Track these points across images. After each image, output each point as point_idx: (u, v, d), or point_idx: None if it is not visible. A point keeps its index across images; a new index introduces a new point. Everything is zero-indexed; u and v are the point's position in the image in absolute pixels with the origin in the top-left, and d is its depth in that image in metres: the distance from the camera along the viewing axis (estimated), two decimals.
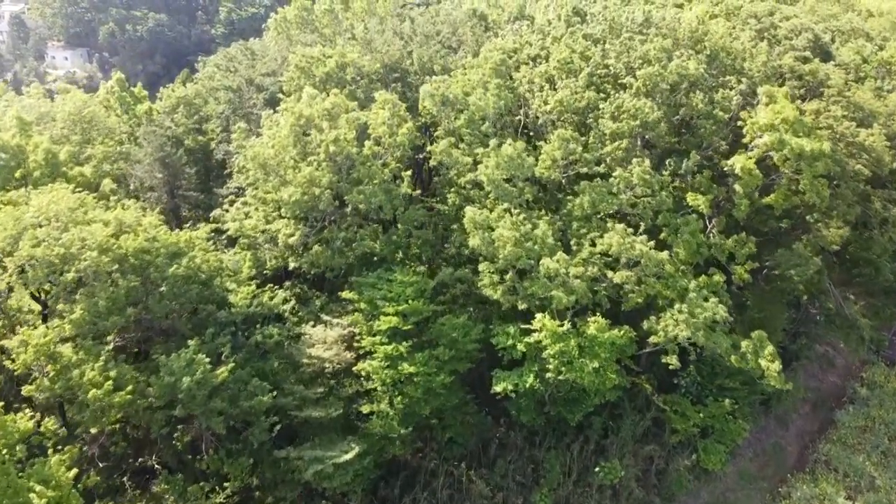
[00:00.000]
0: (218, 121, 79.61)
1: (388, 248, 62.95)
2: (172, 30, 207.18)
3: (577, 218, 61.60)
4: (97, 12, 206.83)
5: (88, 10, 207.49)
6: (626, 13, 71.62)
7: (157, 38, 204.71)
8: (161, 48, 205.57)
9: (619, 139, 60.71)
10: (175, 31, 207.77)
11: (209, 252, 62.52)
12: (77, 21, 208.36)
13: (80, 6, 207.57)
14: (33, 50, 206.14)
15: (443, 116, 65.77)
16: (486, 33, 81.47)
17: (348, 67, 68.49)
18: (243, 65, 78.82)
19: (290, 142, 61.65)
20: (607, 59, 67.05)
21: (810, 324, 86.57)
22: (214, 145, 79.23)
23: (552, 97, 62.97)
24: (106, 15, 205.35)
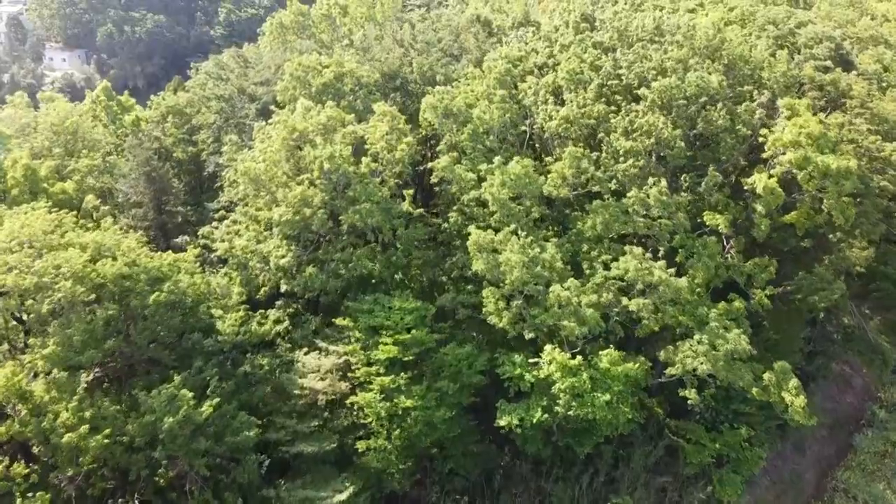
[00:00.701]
0: (209, 131, 74.88)
1: (386, 271, 58.29)
2: (171, 31, 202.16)
3: (588, 239, 56.94)
4: (95, 13, 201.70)
5: (86, 11, 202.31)
6: (637, 20, 66.76)
7: (155, 39, 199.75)
8: (160, 50, 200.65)
9: (632, 157, 55.93)
10: (174, 33, 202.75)
11: (196, 274, 57.84)
12: (75, 22, 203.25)
13: (79, 7, 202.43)
14: (31, 52, 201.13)
15: (445, 129, 61.01)
16: (489, 39, 76.69)
17: (346, 78, 63.69)
18: (235, 73, 74.02)
19: (283, 157, 56.96)
20: (619, 70, 62.23)
21: (826, 342, 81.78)
22: (205, 157, 74.55)
23: (557, 114, 58.19)
24: (104, 16, 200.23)
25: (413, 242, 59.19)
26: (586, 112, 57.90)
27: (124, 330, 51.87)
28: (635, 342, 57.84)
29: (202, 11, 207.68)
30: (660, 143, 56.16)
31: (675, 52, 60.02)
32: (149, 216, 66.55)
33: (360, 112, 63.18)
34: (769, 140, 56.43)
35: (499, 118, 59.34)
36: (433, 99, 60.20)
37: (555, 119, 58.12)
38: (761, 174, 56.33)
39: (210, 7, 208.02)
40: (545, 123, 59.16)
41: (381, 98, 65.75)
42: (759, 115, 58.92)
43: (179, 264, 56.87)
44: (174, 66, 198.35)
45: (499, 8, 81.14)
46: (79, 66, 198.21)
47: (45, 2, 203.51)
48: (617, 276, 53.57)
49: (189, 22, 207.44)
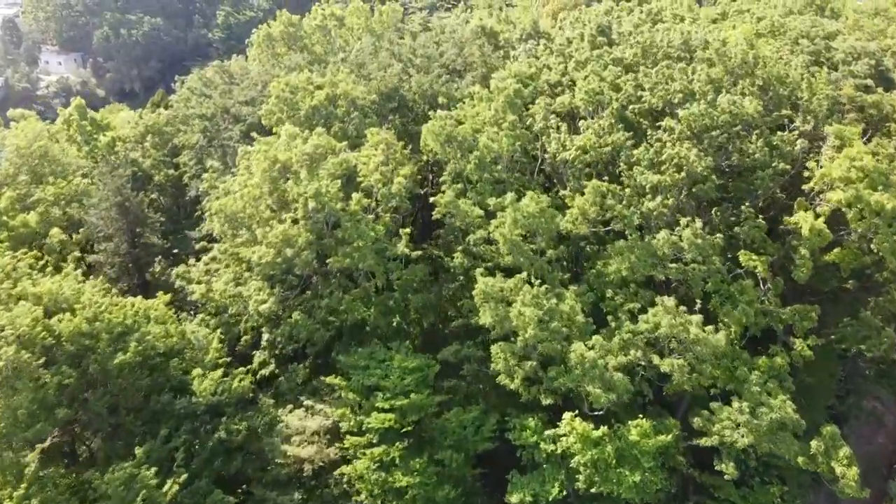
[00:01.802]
0: (192, 152, 66.89)
1: (382, 319, 50.37)
2: (168, 34, 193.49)
3: (611, 283, 48.98)
4: (91, 16, 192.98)
5: (82, 13, 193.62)
6: (661, 34, 58.61)
7: (152, 42, 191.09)
8: (157, 53, 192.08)
9: (661, 193, 47.89)
10: (171, 36, 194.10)
11: (170, 322, 49.98)
12: (71, 25, 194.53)
13: (74, 10, 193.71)
14: (26, 55, 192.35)
15: (449, 157, 52.98)
16: (495, 52, 68.50)
17: (339, 100, 55.61)
18: (219, 90, 65.87)
19: (265, 191, 48.96)
20: (641, 91, 54.11)
21: (857, 377, 73.86)
22: (187, 180, 66.59)
23: (572, 143, 50.14)
24: (100, 19, 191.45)
25: (412, 284, 51.26)
26: (604, 141, 49.81)
27: (82, 396, 44.09)
28: (663, 399, 50.04)
29: (200, 14, 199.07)
30: (692, 179, 48.12)
31: (705, 72, 51.90)
32: (121, 250, 58.60)
33: (354, 138, 55.22)
34: (816, 175, 48.33)
35: (508, 147, 51.31)
36: (435, 125, 52.19)
37: (570, 149, 50.07)
38: (806, 213, 48.27)
39: (208, 10, 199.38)
40: (558, 153, 51.11)
41: (377, 121, 57.76)
42: (802, 147, 50.81)
43: (150, 312, 49.04)
44: (172, 70, 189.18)
45: (505, 18, 72.96)
46: (74, 70, 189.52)
47: (41, 4, 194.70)
48: (646, 331, 45.59)
49: (187, 25, 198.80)
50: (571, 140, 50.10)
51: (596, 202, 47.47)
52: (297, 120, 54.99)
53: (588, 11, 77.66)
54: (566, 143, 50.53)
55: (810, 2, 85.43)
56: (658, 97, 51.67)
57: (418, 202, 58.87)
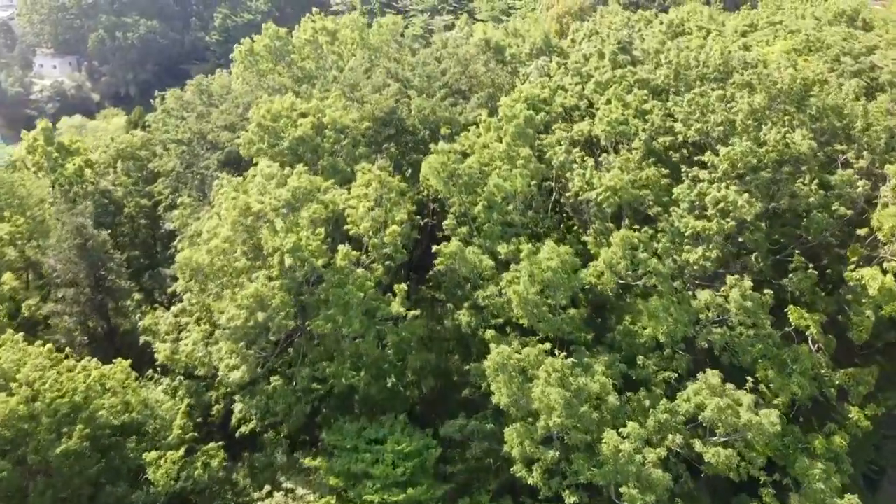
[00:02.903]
0: (167, 180, 58.58)
1: (374, 385, 42.25)
2: (165, 37, 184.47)
3: (642, 345, 40.80)
4: (87, 19, 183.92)
5: (77, 16, 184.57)
6: (695, 52, 50.24)
7: (148, 45, 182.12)
8: (153, 56, 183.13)
9: (703, 243, 39.66)
10: (168, 39, 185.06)
11: (130, 390, 41.96)
12: (66, 28, 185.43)
13: (70, 12, 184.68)
14: (20, 58, 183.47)
15: (453, 196, 44.76)
16: (503, 68, 60.11)
17: (327, 130, 47.33)
18: (196, 112, 57.50)
19: (236, 240, 40.71)
20: (672, 121, 45.88)
21: None
22: (162, 211, 58.36)
23: (600, 180, 41.88)
24: (95, 21, 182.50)
25: (410, 343, 43.09)
26: (638, 180, 41.62)
27: (20, 489, 36.04)
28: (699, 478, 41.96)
29: (197, 17, 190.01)
30: (741, 227, 39.93)
31: (746, 102, 43.61)
32: (82, 296, 50.34)
33: (344, 171, 46.97)
34: (885, 227, 40.05)
35: (523, 187, 43.08)
36: (437, 160, 43.93)
37: (597, 188, 41.84)
38: (872, 270, 40.05)
39: (205, 12, 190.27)
40: (582, 192, 42.89)
41: (370, 151, 49.53)
42: (864, 188, 42.56)
43: (106, 381, 40.96)
44: (168, 74, 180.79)
45: (514, 31, 64.52)
46: (69, 74, 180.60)
47: (36, 7, 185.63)
48: (686, 412, 37.42)
49: (184, 27, 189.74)
50: (600, 178, 41.76)
51: (626, 255, 39.25)
52: (278, 152, 46.73)
53: (602, 22, 69.33)
54: (593, 181, 42.25)
55: (840, 12, 77.14)
56: (694, 130, 43.32)
57: (416, 241, 50.64)
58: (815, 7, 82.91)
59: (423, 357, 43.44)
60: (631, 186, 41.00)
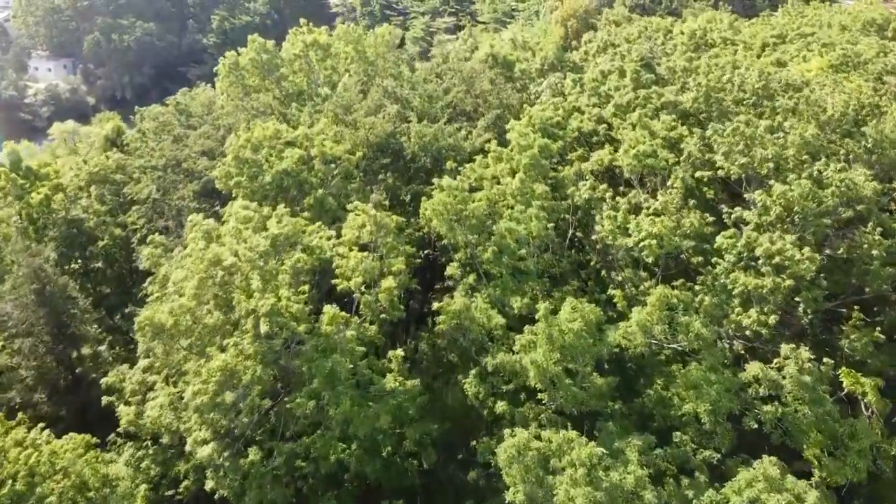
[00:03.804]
0: (142, 208, 51.97)
1: (368, 462, 35.62)
2: (162, 39, 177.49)
3: (677, 417, 34.20)
4: (82, 21, 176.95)
5: (73, 18, 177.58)
6: (728, 73, 43.59)
7: (145, 47, 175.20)
8: (150, 58, 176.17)
9: (756, 303, 33.04)
10: (165, 41, 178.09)
11: (86, 462, 35.37)
12: (61, 30, 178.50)
13: (65, 14, 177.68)
14: (14, 61, 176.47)
15: (458, 240, 38.14)
16: (511, 86, 53.39)
17: (315, 161, 40.70)
18: (174, 134, 50.80)
19: (207, 295, 34.09)
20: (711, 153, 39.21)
21: None
22: (135, 243, 51.71)
23: (638, 227, 35.21)
24: (91, 23, 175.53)
25: (408, 411, 36.48)
26: (680, 227, 34.96)
27: None
28: None
29: (194, 19, 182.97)
30: (799, 283, 33.31)
31: (799, 133, 36.95)
32: (41, 347, 43.78)
33: (334, 210, 40.36)
34: None
35: (539, 231, 36.46)
36: (440, 200, 37.29)
37: (634, 235, 35.16)
38: None
39: (203, 14, 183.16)
40: (613, 238, 36.24)
41: (363, 184, 42.97)
42: None
43: (57, 460, 34.42)
44: (165, 76, 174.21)
45: (522, 43, 57.73)
46: (64, 77, 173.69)
47: (30, 9, 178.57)
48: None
49: (181, 29, 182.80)
50: (638, 224, 35.04)
51: (663, 318, 32.63)
52: (260, 186, 40.10)
53: (618, 32, 62.60)
54: (628, 226, 35.59)
55: (869, 20, 70.49)
56: (739, 166, 36.64)
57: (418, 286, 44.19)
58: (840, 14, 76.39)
59: (424, 427, 36.80)
60: (675, 234, 34.28)
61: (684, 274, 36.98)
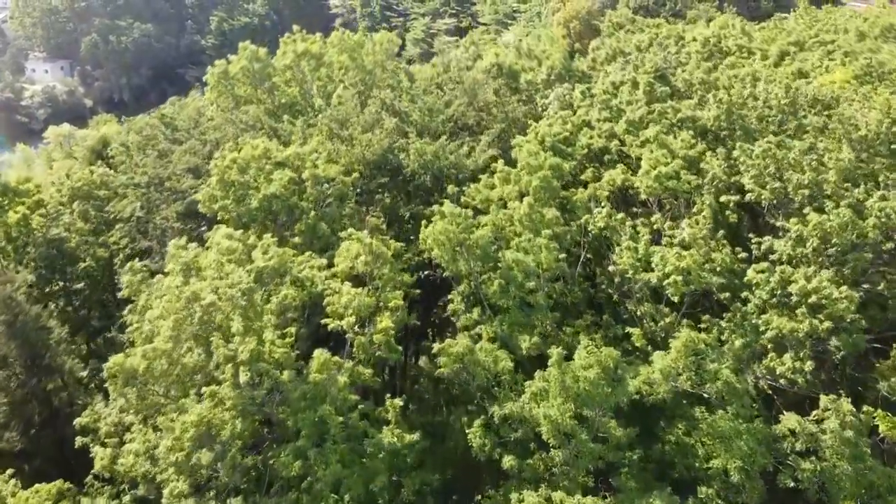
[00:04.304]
0: (126, 227, 48.46)
1: None
2: (160, 40, 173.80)
3: (702, 469, 30.68)
4: (79, 22, 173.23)
5: (70, 19, 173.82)
6: (749, 86, 40.01)
7: (143, 49, 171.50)
8: (148, 60, 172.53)
9: (792, 349, 29.51)
10: (163, 42, 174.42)
11: None
12: (58, 31, 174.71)
13: (62, 15, 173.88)
14: (11, 63, 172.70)
15: (460, 271, 34.62)
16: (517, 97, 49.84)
17: (307, 183, 37.16)
18: (159, 148, 47.22)
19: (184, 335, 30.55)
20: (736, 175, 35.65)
21: None
22: (118, 264, 48.23)
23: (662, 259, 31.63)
24: (88, 25, 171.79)
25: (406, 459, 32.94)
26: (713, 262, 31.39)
27: None
28: None
29: (192, 20, 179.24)
30: (838, 325, 29.76)
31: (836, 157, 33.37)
32: (13, 382, 40.23)
33: (327, 236, 36.80)
34: None
35: (550, 261, 32.92)
36: (441, 229, 33.74)
37: (657, 270, 31.60)
38: None
39: (201, 15, 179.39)
40: (634, 273, 32.67)
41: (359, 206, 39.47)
42: None
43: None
44: (163, 78, 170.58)
45: (528, 51, 54.00)
46: (61, 79, 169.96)
47: (28, 10, 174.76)
48: None
49: (179, 31, 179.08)
50: (662, 258, 31.45)
51: (689, 366, 29.09)
52: (246, 210, 36.54)
53: (627, 39, 58.98)
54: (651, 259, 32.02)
55: (888, 26, 66.85)
56: (771, 191, 33.05)
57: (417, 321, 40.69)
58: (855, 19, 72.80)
59: (424, 477, 33.25)
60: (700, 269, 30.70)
61: (709, 308, 33.44)
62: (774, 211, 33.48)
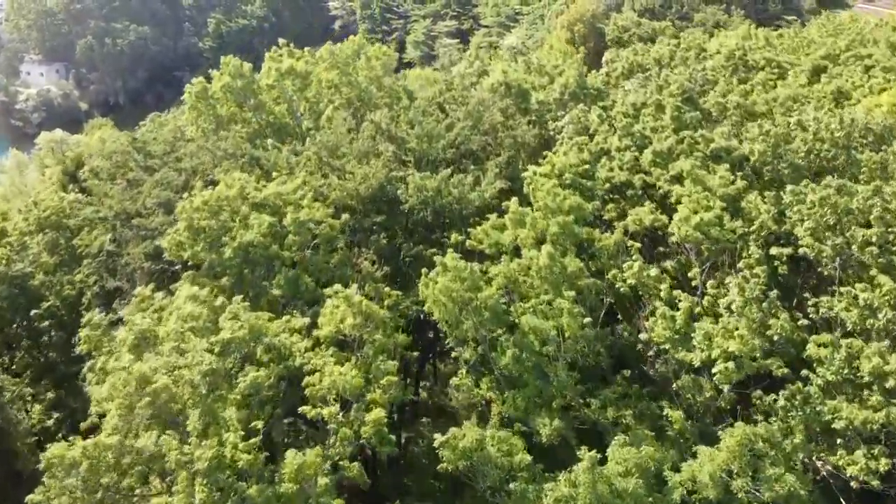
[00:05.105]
0: (93, 263, 42.83)
1: None
2: (157, 43, 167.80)
3: None
4: (75, 24, 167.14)
5: (65, 22, 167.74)
6: (795, 116, 34.38)
7: (139, 51, 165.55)
8: (144, 63, 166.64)
9: (865, 442, 23.94)
10: (160, 45, 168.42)
11: None
12: (53, 34, 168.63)
13: (57, 18, 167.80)
14: (5, 66, 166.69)
15: (467, 337, 29.03)
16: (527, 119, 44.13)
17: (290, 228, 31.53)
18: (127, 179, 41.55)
19: (136, 422, 24.93)
20: (784, 220, 30.04)
21: None
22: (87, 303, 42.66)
23: (707, 340, 25.99)
24: (84, 27, 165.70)
25: None
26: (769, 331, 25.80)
27: None
28: None
29: (190, 22, 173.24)
30: None
31: None
32: None
33: (311, 290, 31.17)
34: None
35: (574, 328, 27.31)
36: (443, 287, 28.11)
37: (701, 350, 25.97)
38: None
39: (199, 17, 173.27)
40: (673, 349, 27.05)
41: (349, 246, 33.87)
42: None
43: None
44: (160, 81, 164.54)
45: (538, 67, 48.19)
46: (56, 82, 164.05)
47: (23, 12, 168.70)
48: None
49: (176, 33, 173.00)
50: (707, 338, 25.81)
51: (744, 468, 23.48)
52: (219, 261, 30.93)
53: (646, 52, 53.27)
54: (692, 334, 26.39)
55: None
56: (832, 247, 27.41)
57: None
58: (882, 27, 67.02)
59: None
60: (754, 352, 25.07)
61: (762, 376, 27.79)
62: (835, 269, 27.81)
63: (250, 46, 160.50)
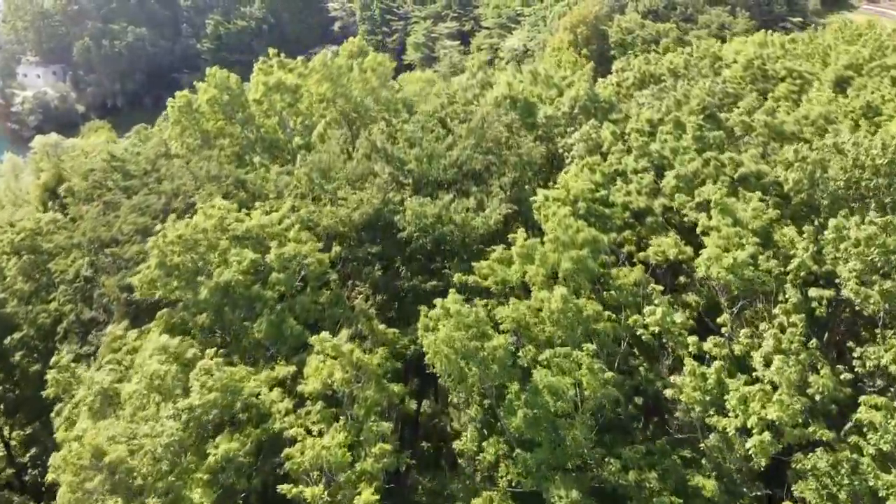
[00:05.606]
0: (69, 290, 39.41)
1: None
2: (155, 45, 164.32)
3: None
4: (72, 26, 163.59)
5: (63, 23, 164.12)
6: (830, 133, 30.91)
7: (137, 53, 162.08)
8: (142, 64, 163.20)
9: None
10: (158, 46, 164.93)
11: None
12: (50, 35, 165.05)
13: (54, 19, 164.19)
14: (2, 67, 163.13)
15: (472, 393, 25.60)
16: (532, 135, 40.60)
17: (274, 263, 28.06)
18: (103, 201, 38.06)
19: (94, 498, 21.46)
20: (825, 257, 26.57)
21: None
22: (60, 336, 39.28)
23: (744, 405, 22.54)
24: (81, 28, 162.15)
25: None
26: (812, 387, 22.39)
27: None
28: None
29: (188, 23, 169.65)
30: None
31: None
32: None
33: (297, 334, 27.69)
34: None
35: (595, 387, 23.86)
36: (445, 337, 24.63)
37: (735, 415, 22.54)
38: None
39: (197, 19, 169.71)
40: (703, 413, 23.60)
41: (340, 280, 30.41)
42: None
43: None
44: (158, 83, 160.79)
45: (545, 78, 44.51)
46: (53, 84, 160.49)
47: (20, 13, 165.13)
48: None
49: (174, 35, 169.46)
50: (744, 402, 22.37)
51: None
52: (194, 302, 27.47)
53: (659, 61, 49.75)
54: (726, 396, 22.95)
55: None
56: (880, 293, 23.93)
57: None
58: None
59: None
60: (796, 418, 21.64)
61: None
62: (882, 316, 24.34)
63: (249, 48, 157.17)
